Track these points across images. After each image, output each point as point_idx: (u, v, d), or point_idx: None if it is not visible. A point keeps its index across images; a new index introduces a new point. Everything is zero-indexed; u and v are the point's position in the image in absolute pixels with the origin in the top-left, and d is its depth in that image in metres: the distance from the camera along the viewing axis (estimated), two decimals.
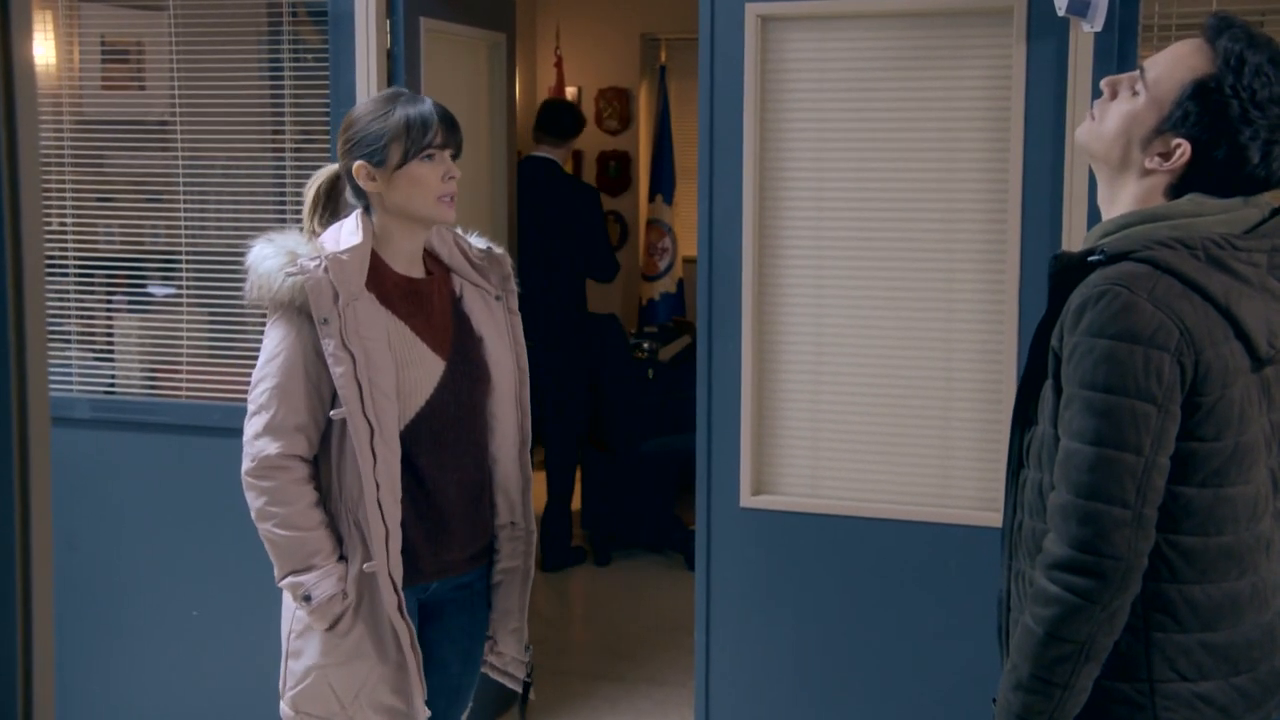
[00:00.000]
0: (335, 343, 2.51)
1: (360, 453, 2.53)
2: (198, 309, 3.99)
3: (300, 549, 2.59)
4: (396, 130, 2.58)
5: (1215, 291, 1.87)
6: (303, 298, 2.52)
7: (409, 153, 2.58)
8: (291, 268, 2.53)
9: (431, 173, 2.60)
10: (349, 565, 2.60)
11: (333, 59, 3.73)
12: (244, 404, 3.86)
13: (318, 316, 2.51)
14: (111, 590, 4.06)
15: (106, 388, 4.07)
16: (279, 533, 2.58)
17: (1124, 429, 1.83)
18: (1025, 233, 3.27)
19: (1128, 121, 1.96)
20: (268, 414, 2.57)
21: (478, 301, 2.79)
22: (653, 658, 4.97)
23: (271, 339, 2.60)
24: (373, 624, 2.61)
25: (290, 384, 2.56)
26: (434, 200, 2.61)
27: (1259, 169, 1.91)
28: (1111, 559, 1.84)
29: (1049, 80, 3.21)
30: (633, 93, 8.04)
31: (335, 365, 2.51)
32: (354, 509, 2.58)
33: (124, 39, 4.04)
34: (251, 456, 2.60)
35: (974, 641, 3.39)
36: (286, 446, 2.57)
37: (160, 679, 4.05)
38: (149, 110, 4.02)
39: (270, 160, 3.95)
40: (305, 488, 2.59)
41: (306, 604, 2.59)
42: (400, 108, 2.60)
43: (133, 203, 4.06)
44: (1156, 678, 1.92)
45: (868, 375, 3.45)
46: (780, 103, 3.45)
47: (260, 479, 2.59)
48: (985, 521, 3.35)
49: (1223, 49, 1.90)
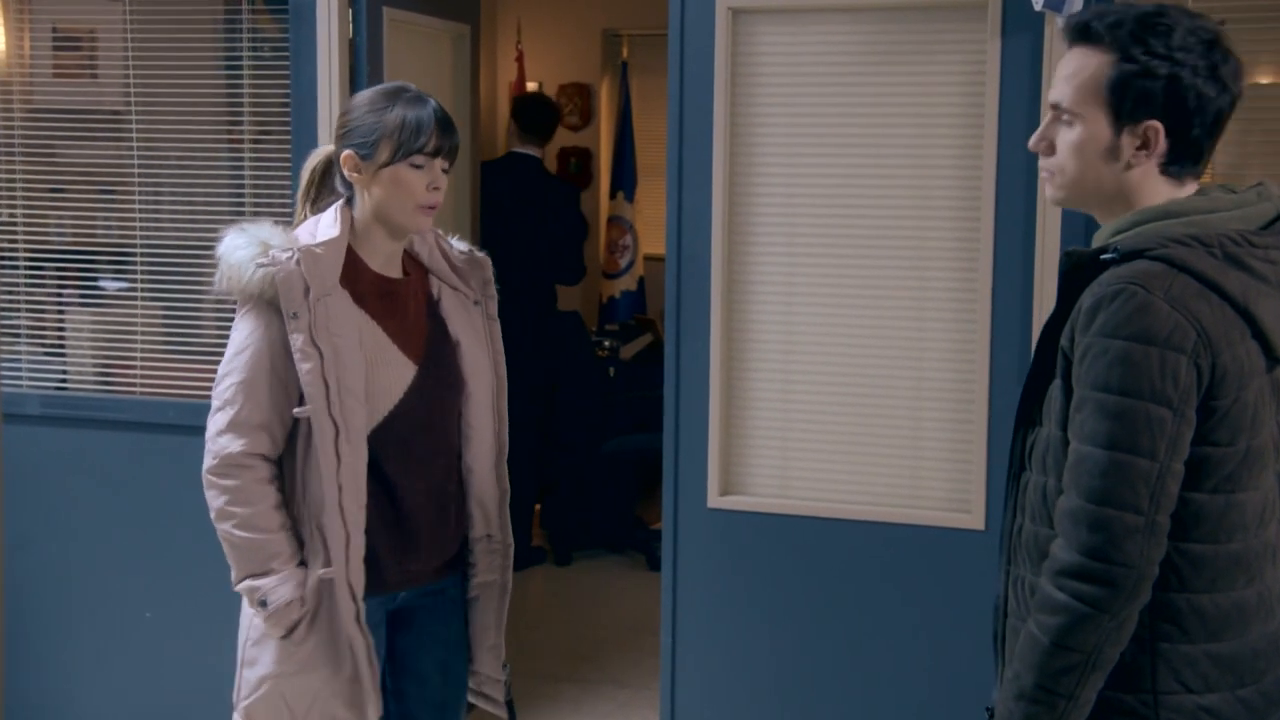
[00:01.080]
0: (304, 338, 2.43)
1: (324, 454, 2.46)
2: (152, 303, 3.92)
3: (259, 552, 2.50)
4: (390, 128, 2.50)
5: (1233, 290, 1.83)
6: (272, 290, 2.44)
7: (397, 154, 2.50)
8: (263, 259, 2.45)
9: (417, 180, 2.52)
10: (308, 571, 2.52)
11: (293, 48, 3.66)
12: (200, 401, 3.84)
13: (287, 310, 2.43)
14: (63, 591, 3.99)
15: (58, 384, 4.01)
16: (238, 534, 2.50)
17: (1138, 433, 1.79)
18: (998, 231, 3.25)
19: (1083, 147, 1.93)
20: (232, 410, 2.49)
21: (456, 306, 2.71)
22: (615, 659, 4.92)
23: (239, 332, 2.52)
24: (329, 634, 2.53)
25: (256, 379, 2.48)
26: (413, 207, 2.53)
27: (1221, 97, 1.89)
28: (1123, 567, 1.80)
29: (1024, 76, 3.18)
30: (594, 88, 7.99)
31: (302, 361, 2.44)
32: (316, 513, 2.50)
33: (76, 26, 3.97)
34: (214, 454, 2.51)
35: (943, 643, 3.37)
36: (250, 444, 2.49)
37: (113, 681, 3.99)
38: (102, 100, 3.96)
39: (228, 153, 3.89)
40: (268, 488, 2.51)
41: (262, 609, 2.51)
42: (399, 106, 2.51)
43: (85, 195, 3.99)
44: (1161, 689, 1.87)
45: (838, 375, 3.42)
46: (751, 98, 3.40)
47: (221, 477, 2.50)
48: (956, 523, 3.32)
49: (1103, 34, 1.90)
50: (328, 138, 3.62)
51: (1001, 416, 3.26)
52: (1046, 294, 3.18)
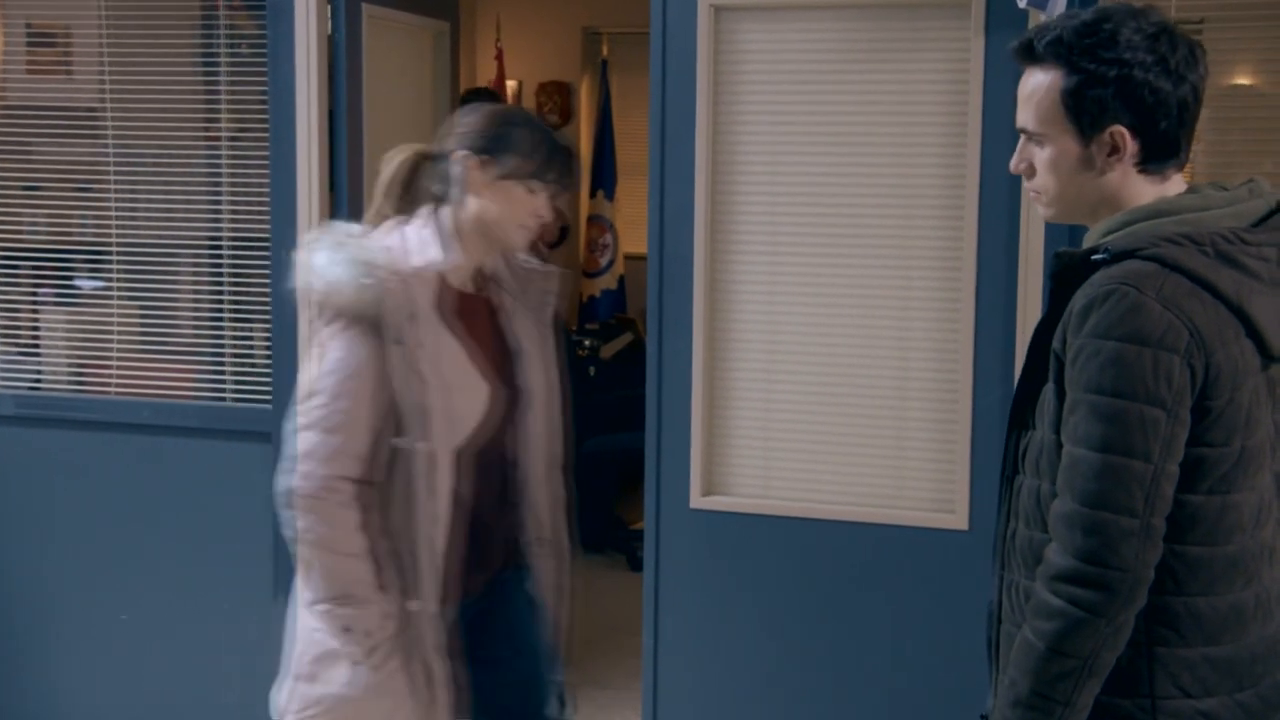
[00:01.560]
0: (405, 362, 2.39)
1: (418, 482, 2.42)
2: (128, 303, 3.88)
3: (344, 575, 2.43)
4: (522, 144, 2.48)
5: (1225, 289, 1.81)
6: (375, 311, 2.38)
7: (521, 172, 2.47)
8: (368, 278, 2.38)
9: (528, 202, 2.49)
10: (389, 595, 2.46)
11: (271, 44, 3.62)
12: (175, 401, 3.82)
13: (391, 334, 2.37)
14: (36, 593, 3.95)
15: (32, 383, 3.97)
16: (325, 558, 2.43)
17: (1132, 435, 1.77)
18: (982, 229, 3.23)
19: (1057, 164, 1.93)
20: (323, 431, 2.41)
21: (518, 315, 2.68)
22: (595, 660, 4.89)
23: (335, 350, 2.42)
24: (406, 658, 2.48)
25: (350, 402, 2.40)
26: (516, 225, 2.51)
27: (1179, 87, 1.87)
28: (1118, 571, 1.78)
29: (1007, 74, 3.16)
30: (574, 87, 7.97)
31: (402, 386, 2.39)
32: (402, 536, 2.45)
33: (51, 23, 3.94)
34: (302, 474, 2.42)
35: (927, 643, 3.35)
36: (340, 468, 2.41)
37: (87, 684, 3.95)
38: (77, 97, 3.92)
39: (205, 151, 3.85)
40: (353, 511, 2.44)
41: (346, 634, 2.45)
42: (534, 129, 2.51)
43: (60, 193, 3.95)
44: (1159, 694, 1.85)
45: (821, 374, 3.40)
46: (733, 95, 3.38)
47: (308, 498, 2.42)
48: (939, 523, 3.31)
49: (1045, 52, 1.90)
50: (306, 135, 3.59)
51: (985, 416, 3.25)
52: (1031, 292, 3.17)
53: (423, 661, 2.48)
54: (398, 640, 2.47)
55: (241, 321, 3.81)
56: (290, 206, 3.62)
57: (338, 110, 3.65)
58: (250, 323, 3.80)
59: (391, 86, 3.91)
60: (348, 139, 3.65)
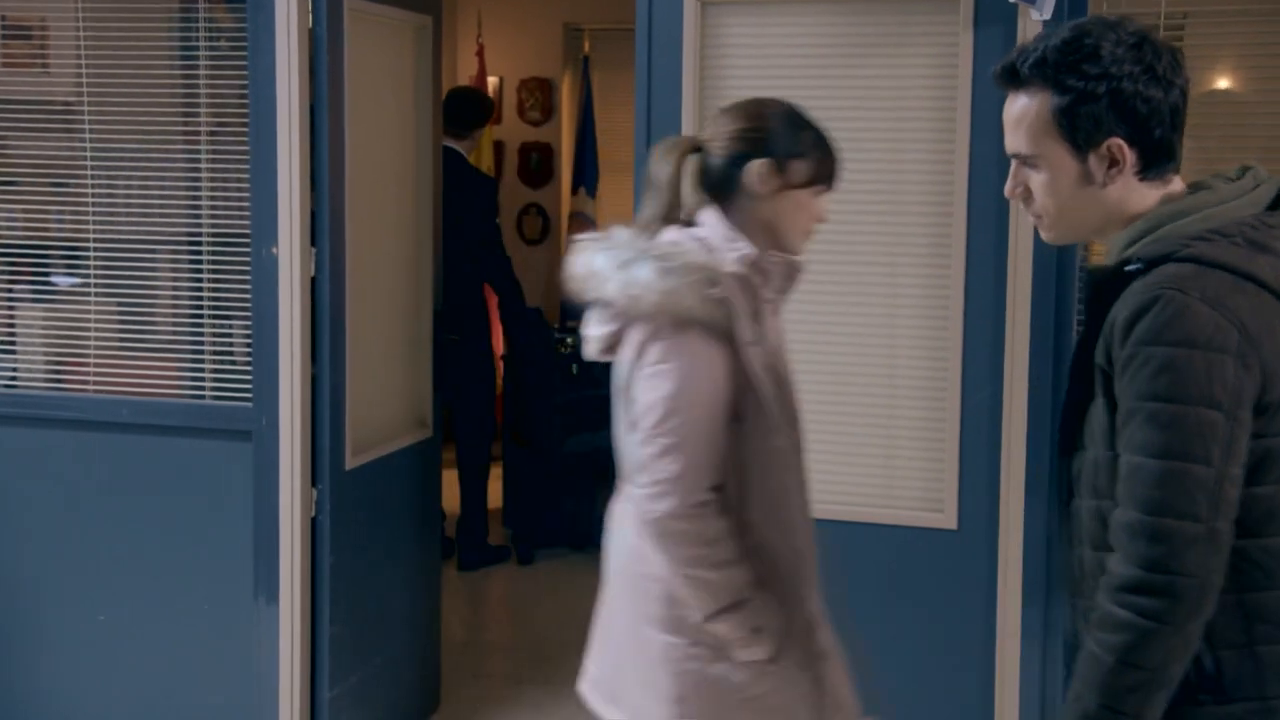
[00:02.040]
0: (759, 365, 2.35)
1: (784, 483, 2.40)
2: (106, 299, 3.84)
3: (731, 584, 2.38)
4: (813, 149, 2.42)
5: (1266, 276, 1.80)
6: (724, 317, 2.33)
7: (813, 179, 2.42)
8: (712, 285, 2.31)
9: (815, 207, 2.45)
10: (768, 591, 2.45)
11: (250, 38, 3.58)
12: (154, 399, 3.77)
13: (745, 337, 2.33)
14: (13, 592, 3.92)
15: (8, 381, 3.93)
16: (712, 574, 2.37)
17: (1191, 439, 1.74)
18: (971, 226, 3.22)
19: (1056, 184, 1.92)
20: (692, 451, 2.33)
21: (772, 309, 2.62)
22: (579, 660, 4.85)
23: (682, 362, 2.33)
24: (802, 655, 2.49)
25: (706, 415, 2.34)
26: (803, 231, 2.47)
27: (1169, 93, 1.87)
28: (1185, 577, 1.74)
29: None
30: (555, 83, 7.94)
31: (760, 389, 2.35)
32: (759, 532, 2.41)
33: (27, 15, 3.90)
34: (677, 496, 2.33)
35: (917, 643, 3.34)
36: (705, 481, 2.36)
37: (65, 684, 3.92)
38: (54, 91, 3.88)
39: (184, 145, 3.81)
40: (721, 520, 2.38)
41: (756, 636, 2.41)
42: (813, 130, 2.44)
43: (36, 188, 3.91)
44: (1270, 694, 1.82)
45: (809, 372, 3.37)
46: (720, 90, 3.36)
47: (682, 521, 2.34)
48: (929, 523, 3.31)
49: (1030, 74, 1.89)
50: (287, 131, 3.55)
51: (974, 416, 3.24)
52: (1020, 290, 3.16)
53: (821, 647, 2.50)
54: (789, 637, 2.46)
55: (221, 318, 3.76)
56: (270, 202, 3.58)
57: (319, 105, 3.60)
58: (230, 320, 3.76)
59: (373, 81, 3.87)
60: (329, 134, 3.61)
